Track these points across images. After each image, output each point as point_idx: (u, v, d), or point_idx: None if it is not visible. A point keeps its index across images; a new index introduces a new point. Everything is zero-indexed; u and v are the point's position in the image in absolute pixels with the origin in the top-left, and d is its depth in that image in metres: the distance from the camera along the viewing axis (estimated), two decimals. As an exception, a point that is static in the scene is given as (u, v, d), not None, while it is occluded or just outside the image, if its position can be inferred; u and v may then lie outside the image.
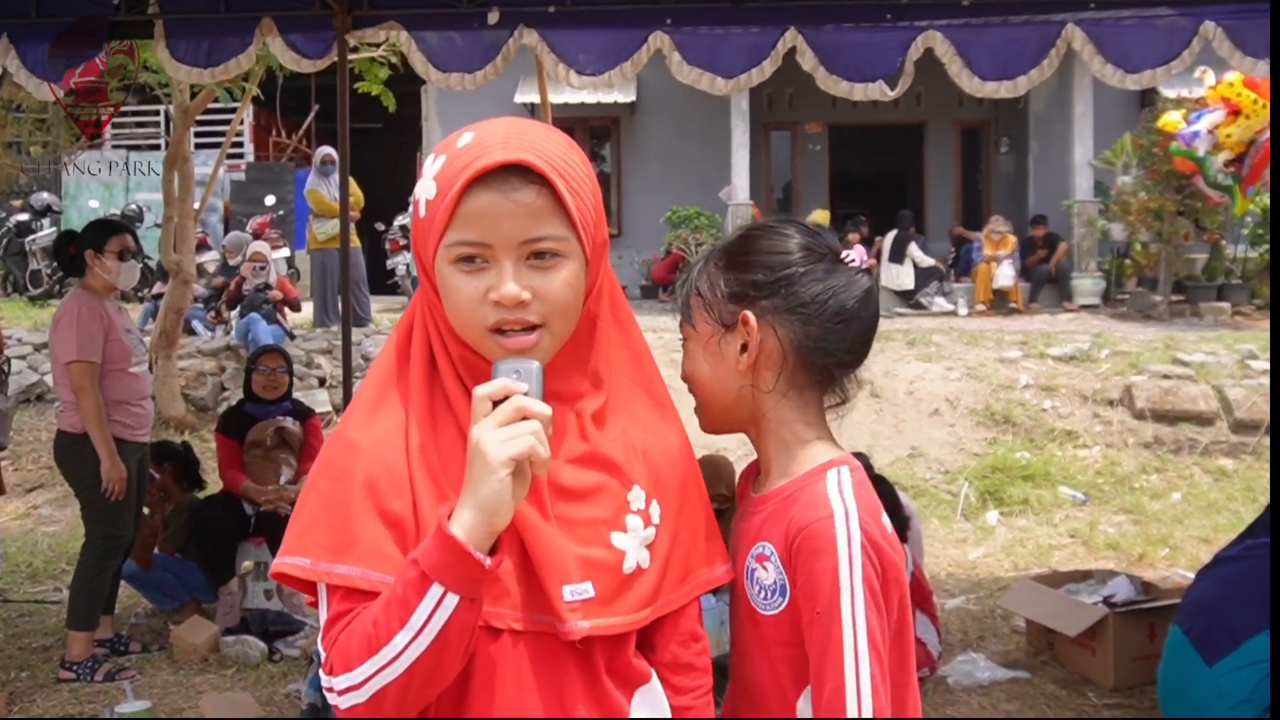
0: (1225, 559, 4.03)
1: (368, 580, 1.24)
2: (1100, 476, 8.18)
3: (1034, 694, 4.42)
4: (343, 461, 1.29)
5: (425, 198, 1.29)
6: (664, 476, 1.38)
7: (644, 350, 1.43)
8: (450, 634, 1.18)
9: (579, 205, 1.28)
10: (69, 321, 4.66)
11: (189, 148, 9.39)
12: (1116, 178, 13.72)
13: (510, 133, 1.27)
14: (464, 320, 1.28)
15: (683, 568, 1.39)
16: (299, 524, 1.28)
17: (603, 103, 15.23)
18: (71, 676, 4.60)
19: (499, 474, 1.15)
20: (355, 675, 1.21)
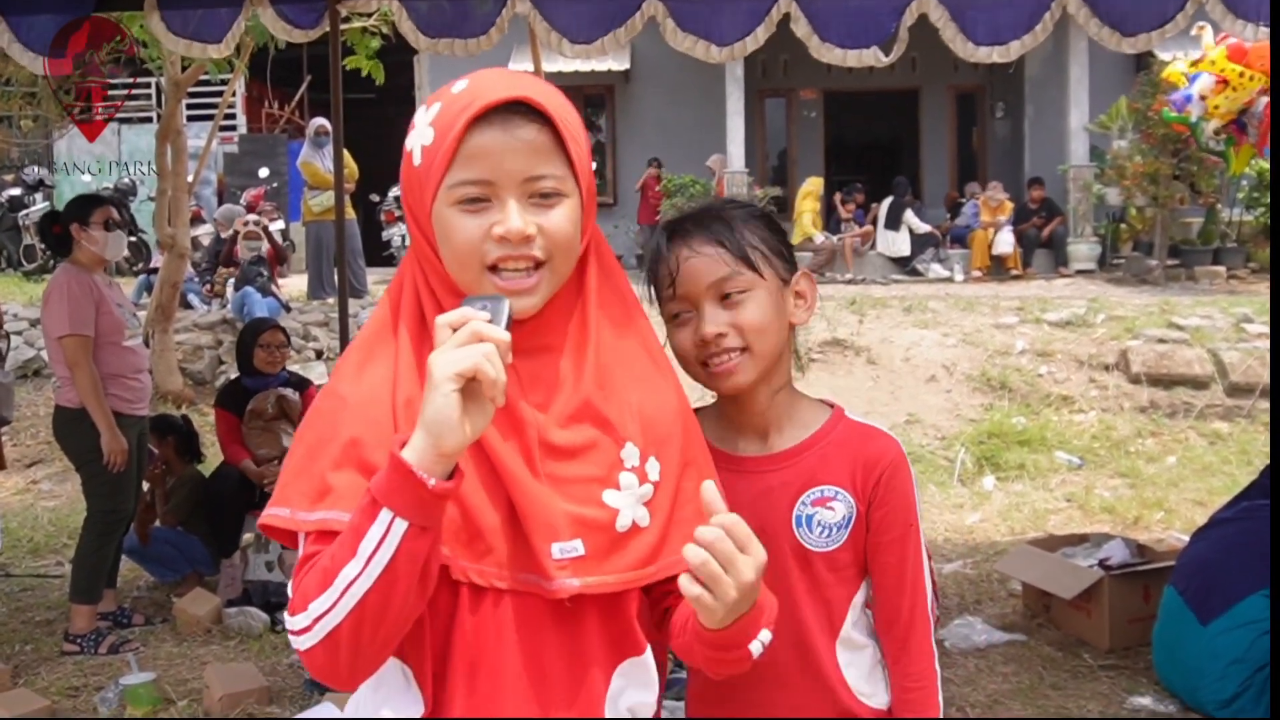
0: (1220, 521, 4.08)
1: (339, 522, 1.21)
2: (1096, 441, 8.21)
3: (1030, 656, 4.46)
4: (329, 415, 1.29)
5: (421, 144, 1.28)
6: (662, 432, 1.35)
7: (636, 306, 1.41)
8: (399, 564, 1.14)
9: (576, 149, 1.29)
10: (59, 296, 4.65)
11: (181, 120, 9.33)
12: (1112, 142, 13.69)
13: (508, 76, 1.29)
14: (463, 259, 1.27)
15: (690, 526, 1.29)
16: (285, 476, 1.29)
17: (596, 71, 15.15)
18: (75, 649, 4.63)
19: (443, 390, 1.12)
20: (310, 613, 1.19)
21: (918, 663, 1.60)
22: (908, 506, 1.59)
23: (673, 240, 1.56)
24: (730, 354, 1.53)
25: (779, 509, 1.56)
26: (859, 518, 1.56)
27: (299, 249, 15.20)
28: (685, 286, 1.54)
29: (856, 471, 1.57)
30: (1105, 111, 13.80)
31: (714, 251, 1.53)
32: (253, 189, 14.97)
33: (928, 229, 14.20)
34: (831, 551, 1.56)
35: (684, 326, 1.56)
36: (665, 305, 1.58)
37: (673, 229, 1.58)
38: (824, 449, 1.58)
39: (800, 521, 1.56)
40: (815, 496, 1.57)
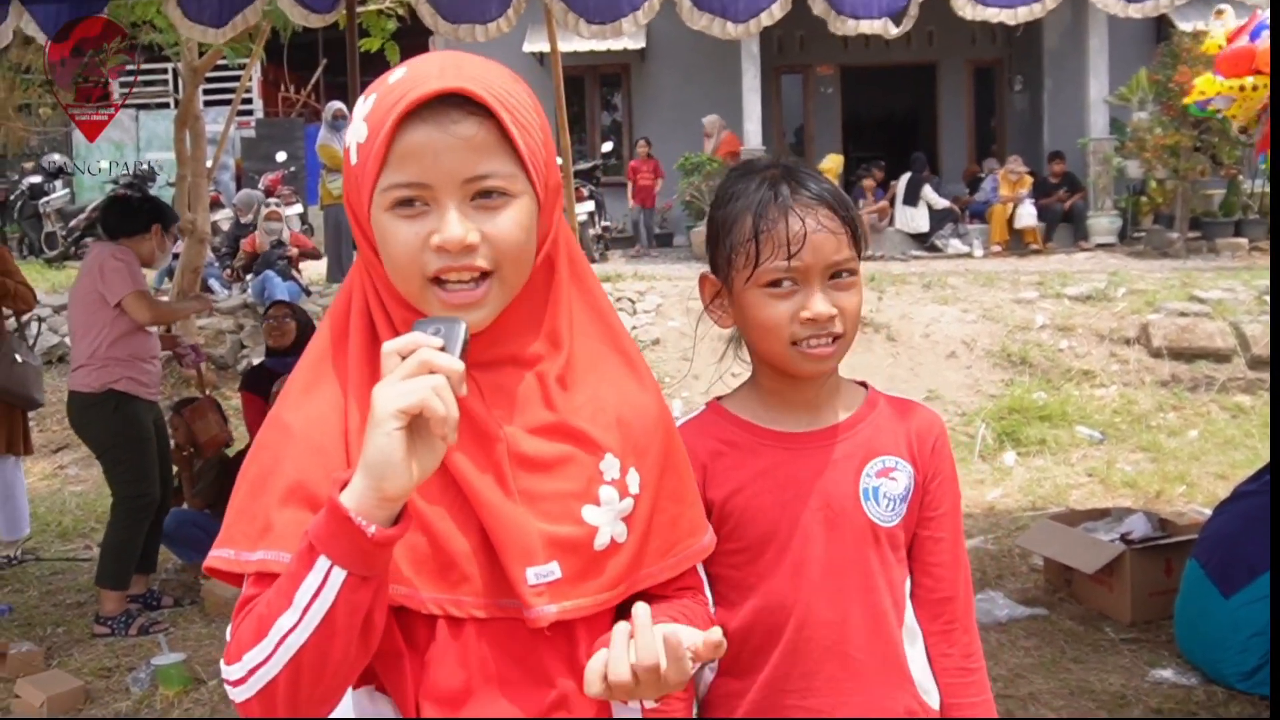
0: (1243, 494, 4.07)
1: (279, 564, 1.11)
2: (1117, 415, 8.19)
3: (1052, 630, 4.47)
4: (272, 447, 1.18)
5: (356, 142, 1.16)
6: (642, 442, 1.26)
7: (608, 308, 1.30)
8: (338, 616, 1.05)
9: (527, 141, 1.16)
10: (114, 265, 4.72)
11: (199, 106, 9.37)
12: (1132, 114, 13.56)
13: (446, 63, 1.15)
14: (404, 271, 1.15)
15: (666, 538, 1.28)
16: (229, 516, 1.19)
17: (612, 50, 15.10)
18: (106, 631, 4.70)
19: (385, 427, 1.01)
20: (244, 664, 1.09)
21: (973, 643, 1.55)
22: (954, 478, 1.56)
23: (795, 203, 1.44)
24: (830, 339, 1.45)
25: (846, 482, 1.50)
26: (916, 489, 1.52)
27: (317, 233, 15.27)
28: (806, 259, 1.42)
29: (911, 440, 1.54)
30: (1125, 83, 13.68)
31: (840, 230, 1.45)
32: (270, 173, 15.02)
33: (946, 204, 14.13)
34: (894, 527, 1.51)
35: (784, 299, 1.44)
36: (762, 268, 1.44)
37: (793, 193, 1.46)
38: (875, 420, 1.54)
39: (867, 494, 1.50)
40: (879, 467, 1.51)
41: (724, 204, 1.51)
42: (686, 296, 10.10)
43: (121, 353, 4.73)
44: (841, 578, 1.48)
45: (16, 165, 15.32)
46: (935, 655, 1.54)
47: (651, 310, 9.98)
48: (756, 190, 1.47)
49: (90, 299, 4.76)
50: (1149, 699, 3.81)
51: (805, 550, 1.48)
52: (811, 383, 1.52)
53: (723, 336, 1.62)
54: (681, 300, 10.02)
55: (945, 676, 1.54)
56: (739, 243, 1.46)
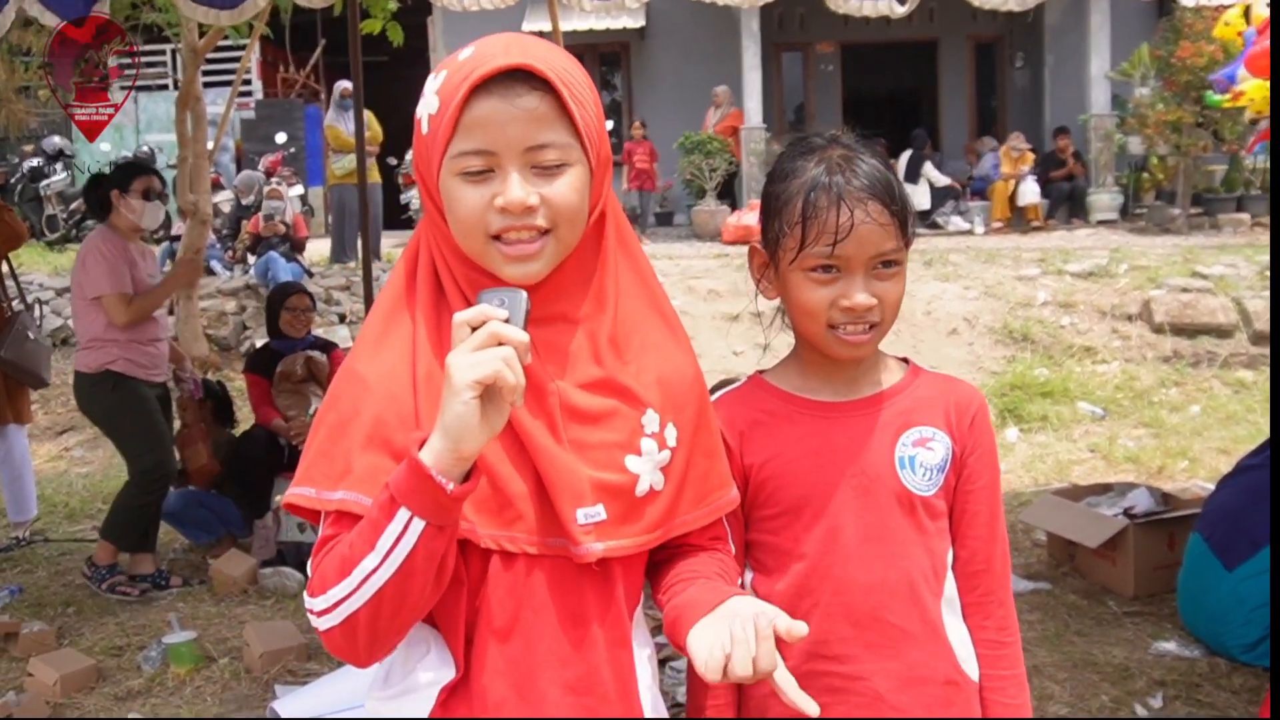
0: (1246, 468, 4.09)
1: (359, 505, 1.24)
2: (1119, 391, 8.21)
3: (1055, 604, 4.50)
4: (349, 395, 1.29)
5: (428, 113, 1.28)
6: (679, 400, 1.38)
7: (651, 274, 1.41)
8: (416, 560, 1.17)
9: (583, 115, 1.27)
10: (95, 258, 4.77)
11: (199, 87, 9.34)
12: (1134, 90, 13.52)
13: (512, 42, 1.27)
14: (467, 229, 1.26)
15: (699, 489, 1.39)
16: (308, 456, 1.30)
17: (611, 29, 15.07)
18: (87, 576, 4.92)
19: (462, 397, 1.13)
20: (329, 597, 1.22)
21: (1008, 616, 1.57)
22: (994, 453, 1.58)
23: (846, 194, 1.45)
24: (867, 326, 1.48)
25: (881, 450, 1.52)
26: (954, 461, 1.54)
27: (318, 214, 15.25)
28: (849, 249, 1.44)
29: (950, 412, 1.55)
30: (1127, 59, 13.63)
31: (889, 222, 1.46)
32: (270, 154, 14.99)
33: (947, 182, 14.11)
34: (931, 497, 1.52)
35: (824, 285, 1.47)
36: (806, 251, 1.47)
37: (846, 182, 1.46)
38: (914, 392, 1.56)
39: (903, 463, 1.52)
40: (915, 437, 1.53)
41: (779, 180, 1.53)
42: (688, 275, 10.10)
43: (118, 335, 4.80)
44: (877, 544, 1.50)
45: (17, 148, 15.29)
46: (972, 626, 1.57)
47: (654, 289, 9.98)
48: (813, 170, 1.49)
49: (75, 287, 4.90)
50: (1152, 671, 3.84)
51: (840, 517, 1.50)
52: (852, 362, 1.55)
53: (726, 315, 1.63)
54: (683, 279, 10.02)
55: (981, 648, 1.56)
56: (788, 224, 1.49)
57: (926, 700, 1.50)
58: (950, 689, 1.52)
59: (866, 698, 1.49)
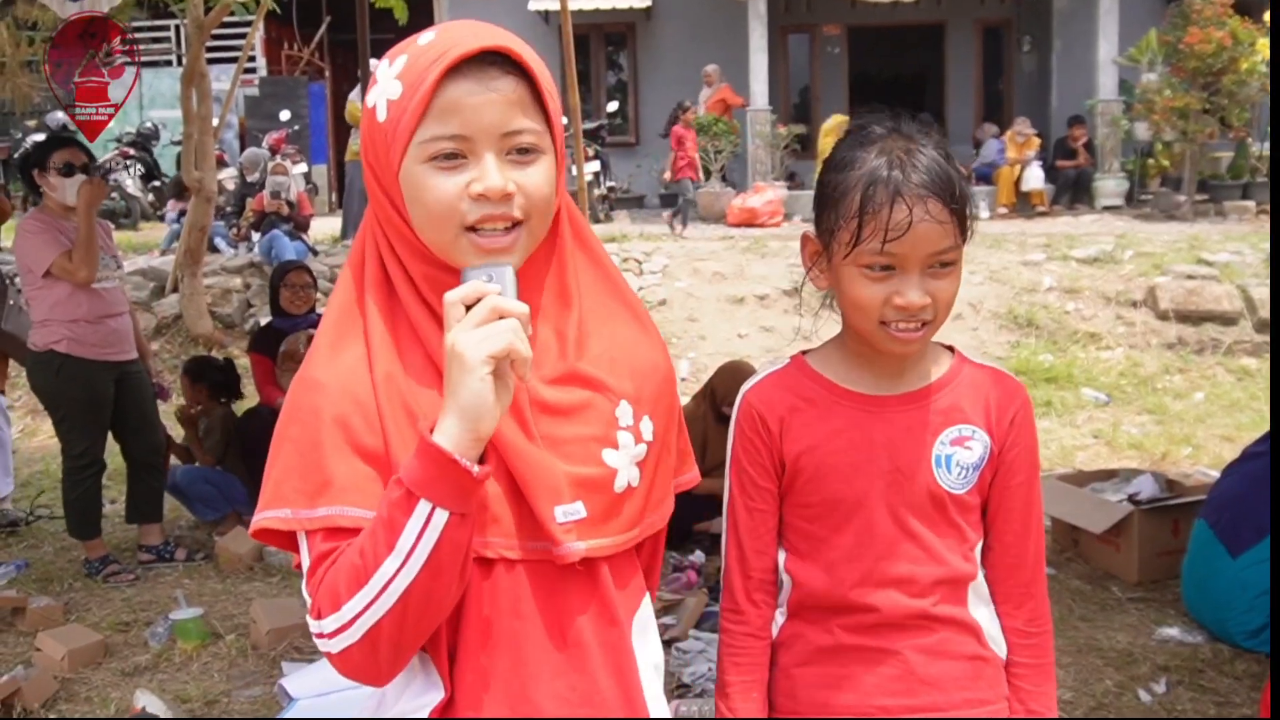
0: (1252, 455, 4.10)
1: (349, 517, 1.16)
2: (1123, 378, 8.22)
3: (1059, 589, 4.51)
4: (308, 403, 1.21)
5: (386, 98, 1.20)
6: (652, 392, 1.32)
7: (612, 266, 1.35)
8: (442, 555, 1.11)
9: (554, 104, 1.23)
10: (26, 239, 4.67)
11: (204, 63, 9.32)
12: (1141, 75, 13.47)
13: (479, 27, 1.21)
14: (438, 220, 1.19)
15: (664, 487, 1.36)
16: (273, 476, 1.21)
17: (618, 9, 15.01)
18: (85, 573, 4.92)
19: (478, 373, 1.08)
20: (345, 613, 1.13)
21: (1039, 608, 1.58)
22: (1034, 449, 1.56)
23: (904, 191, 1.41)
24: (919, 324, 1.45)
25: (919, 448, 1.51)
26: (991, 458, 1.53)
27: (321, 192, 15.23)
28: (905, 247, 1.41)
29: (991, 410, 1.53)
30: (1135, 44, 13.57)
31: (948, 220, 1.42)
32: (274, 132, 14.97)
33: (953, 166, 14.05)
34: (964, 494, 1.52)
35: (878, 282, 1.44)
36: (860, 247, 1.43)
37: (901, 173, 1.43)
38: (957, 388, 1.54)
39: (940, 461, 1.51)
40: (954, 436, 1.52)
41: (836, 169, 1.49)
42: (694, 258, 10.09)
43: (62, 315, 4.68)
44: (909, 540, 1.51)
45: (20, 123, 15.25)
46: (1002, 614, 1.58)
47: (658, 271, 9.96)
48: (872, 162, 1.45)
49: (24, 272, 4.80)
50: (1155, 657, 3.86)
51: (874, 512, 1.51)
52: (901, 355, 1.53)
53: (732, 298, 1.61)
54: (689, 261, 10.01)
55: (1011, 636, 1.57)
56: (843, 217, 1.44)
57: (956, 673, 1.53)
58: (978, 663, 1.54)
59: (899, 669, 1.51)
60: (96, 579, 4.87)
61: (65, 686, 3.84)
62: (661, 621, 1.50)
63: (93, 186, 4.62)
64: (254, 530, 1.23)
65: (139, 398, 5.02)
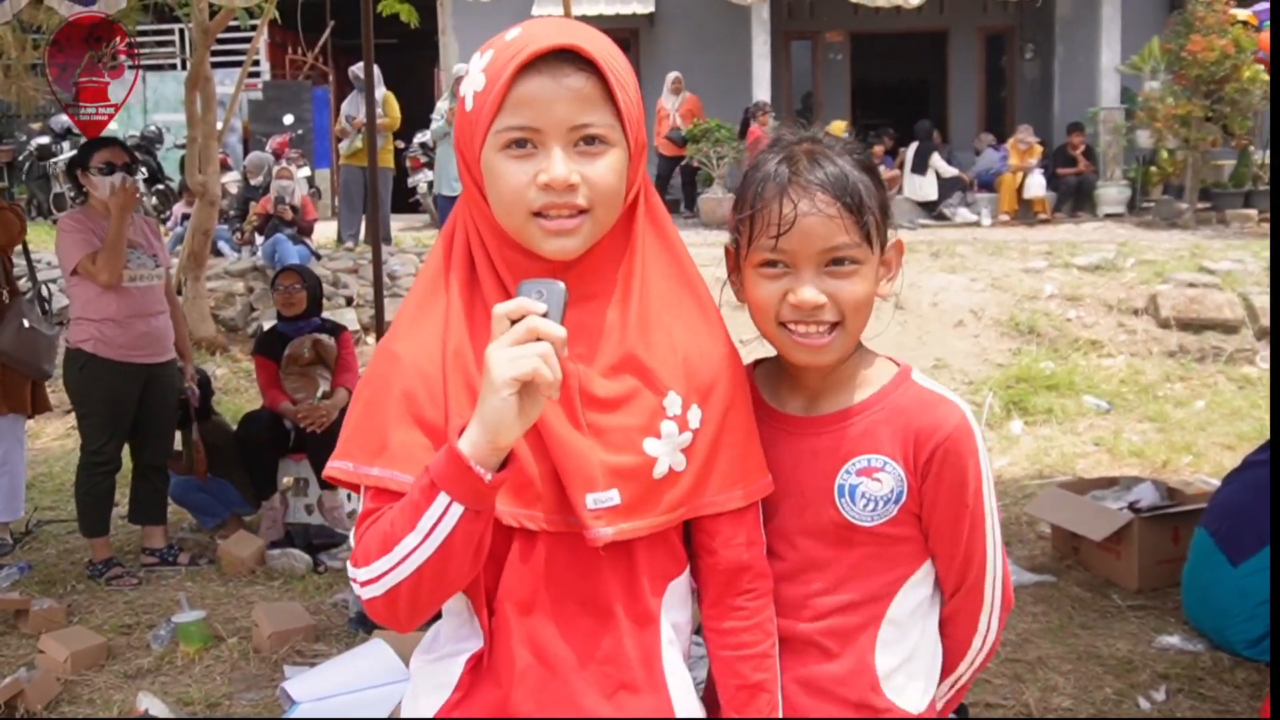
0: (1253, 464, 4.11)
1: (396, 481, 1.29)
2: (1124, 385, 8.21)
3: (1059, 596, 4.52)
4: (383, 372, 1.34)
5: (473, 90, 1.30)
6: (706, 382, 1.37)
7: (685, 256, 1.42)
8: (455, 542, 1.22)
9: (625, 98, 1.30)
10: (62, 238, 4.84)
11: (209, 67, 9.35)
12: (1144, 83, 13.49)
13: (560, 24, 1.30)
14: (509, 205, 1.29)
15: (733, 471, 1.39)
16: (346, 431, 1.35)
17: (621, 14, 15.04)
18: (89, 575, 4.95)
19: (501, 393, 1.16)
20: (372, 570, 1.27)
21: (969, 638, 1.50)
22: (962, 484, 1.42)
23: (792, 185, 1.39)
24: (821, 327, 1.40)
25: (821, 475, 1.44)
26: (911, 492, 1.42)
27: (324, 196, 15.25)
28: (793, 243, 1.38)
29: (910, 441, 1.42)
30: (1137, 52, 13.59)
31: (838, 214, 1.38)
32: (278, 136, 14.99)
33: (955, 173, 14.08)
34: (878, 526, 1.43)
35: (774, 280, 1.41)
36: (754, 245, 1.42)
37: (793, 170, 1.41)
38: (878, 414, 1.44)
39: (842, 491, 1.43)
40: (861, 466, 1.43)
41: (747, 173, 1.48)
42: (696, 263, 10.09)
43: (93, 313, 4.78)
44: (810, 569, 1.46)
45: (25, 126, 15.28)
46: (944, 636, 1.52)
47: (660, 276, 9.98)
48: (771, 164, 1.43)
49: (60, 269, 4.94)
50: (1155, 665, 3.86)
51: (779, 540, 1.46)
52: (817, 371, 1.47)
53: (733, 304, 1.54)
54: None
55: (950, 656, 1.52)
56: (741, 217, 1.44)
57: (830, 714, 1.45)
58: (861, 711, 1.45)
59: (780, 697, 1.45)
60: (99, 581, 4.89)
61: (68, 689, 3.86)
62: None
63: (124, 191, 4.72)
64: (325, 474, 1.38)
65: (164, 403, 5.06)
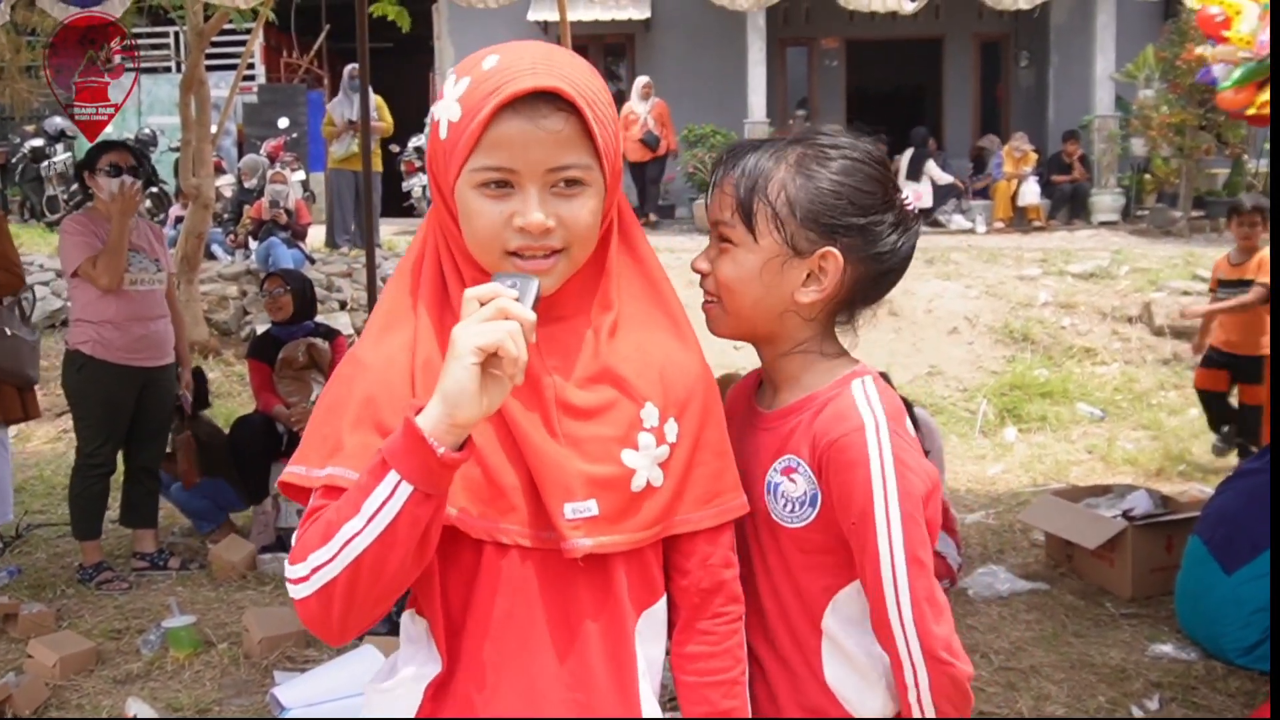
0: (1246, 472, 4.11)
1: (346, 480, 1.24)
2: (1118, 393, 8.22)
3: (1053, 604, 4.52)
4: (347, 378, 1.31)
5: (448, 119, 1.27)
6: (682, 396, 1.36)
7: (659, 273, 1.41)
8: (400, 527, 1.16)
9: (604, 134, 1.27)
10: (64, 239, 4.85)
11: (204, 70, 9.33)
12: (1138, 91, 13.51)
13: (538, 58, 1.25)
14: (484, 242, 1.27)
15: (708, 488, 1.37)
16: (304, 438, 1.32)
17: (617, 20, 15.04)
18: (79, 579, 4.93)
19: (464, 360, 1.14)
20: (308, 563, 1.21)
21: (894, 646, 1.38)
22: (850, 494, 1.37)
23: (723, 162, 1.49)
24: (708, 295, 1.51)
25: (757, 470, 1.46)
26: (823, 497, 1.40)
27: (319, 199, 15.23)
28: (705, 214, 1.54)
29: (816, 444, 1.41)
30: (1132, 60, 13.62)
31: (729, 191, 1.46)
32: (272, 139, 14.97)
33: (950, 180, 14.10)
34: (799, 529, 1.42)
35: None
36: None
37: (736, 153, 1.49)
38: (806, 413, 1.44)
39: (769, 488, 1.45)
40: (784, 465, 1.44)
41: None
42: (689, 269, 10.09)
43: (92, 315, 4.79)
44: (750, 568, 1.46)
45: (19, 128, 15.25)
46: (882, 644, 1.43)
47: (655, 282, 9.99)
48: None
49: (64, 270, 4.92)
50: (1149, 673, 3.86)
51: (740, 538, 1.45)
52: (761, 358, 1.53)
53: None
54: (684, 272, 10.00)
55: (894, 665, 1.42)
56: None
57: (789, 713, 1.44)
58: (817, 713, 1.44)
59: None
60: (89, 586, 4.86)
61: (56, 694, 3.83)
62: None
63: (125, 194, 4.72)
64: (279, 482, 1.33)
65: (160, 406, 5.06)
